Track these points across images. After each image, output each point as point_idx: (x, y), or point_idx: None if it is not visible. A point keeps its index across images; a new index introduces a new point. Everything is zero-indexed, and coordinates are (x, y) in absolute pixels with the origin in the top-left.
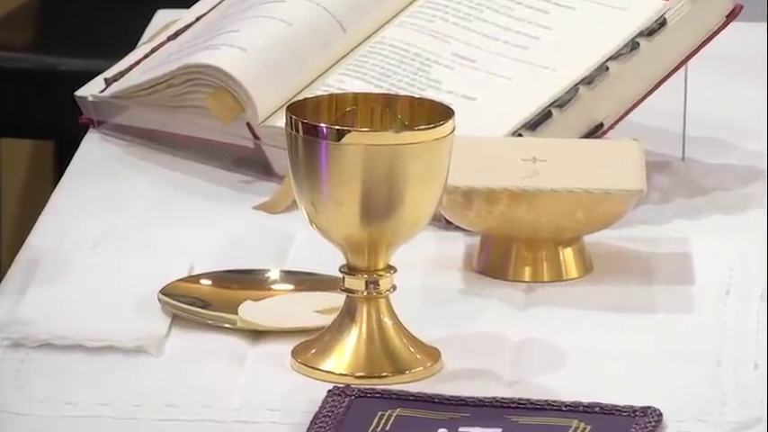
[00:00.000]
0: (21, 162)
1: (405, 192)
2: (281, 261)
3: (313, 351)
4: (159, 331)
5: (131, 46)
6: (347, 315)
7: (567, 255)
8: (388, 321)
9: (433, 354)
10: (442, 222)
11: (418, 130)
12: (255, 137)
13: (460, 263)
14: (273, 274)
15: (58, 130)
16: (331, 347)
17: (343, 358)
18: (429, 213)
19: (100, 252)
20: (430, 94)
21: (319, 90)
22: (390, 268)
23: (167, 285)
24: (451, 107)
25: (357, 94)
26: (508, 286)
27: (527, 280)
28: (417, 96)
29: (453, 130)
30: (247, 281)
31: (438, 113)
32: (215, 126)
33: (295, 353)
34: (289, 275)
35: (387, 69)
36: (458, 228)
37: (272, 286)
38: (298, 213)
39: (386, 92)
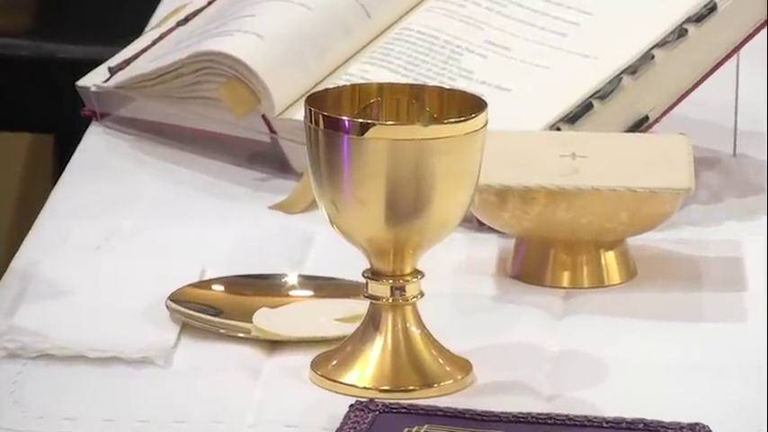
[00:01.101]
0: (18, 157)
1: (433, 190)
2: (300, 265)
3: (334, 363)
4: (167, 341)
5: (138, 32)
6: (371, 324)
7: (609, 259)
8: (415, 330)
9: (463, 366)
10: (473, 223)
11: (448, 123)
12: (272, 130)
13: (493, 267)
14: (291, 280)
15: (58, 123)
16: (353, 359)
17: (366, 370)
18: (459, 214)
19: (103, 254)
20: (461, 85)
21: (341, 80)
22: (418, 273)
23: (176, 291)
24: (484, 98)
25: (382, 84)
26: (545, 293)
27: (566, 286)
28: (447, 87)
29: (486, 123)
30: (263, 286)
31: (469, 105)
32: (228, 119)
33: (314, 364)
34: (307, 281)
35: (414, 58)
36: (491, 229)
37: (290, 292)
38: (317, 213)
39: (413, 82)
